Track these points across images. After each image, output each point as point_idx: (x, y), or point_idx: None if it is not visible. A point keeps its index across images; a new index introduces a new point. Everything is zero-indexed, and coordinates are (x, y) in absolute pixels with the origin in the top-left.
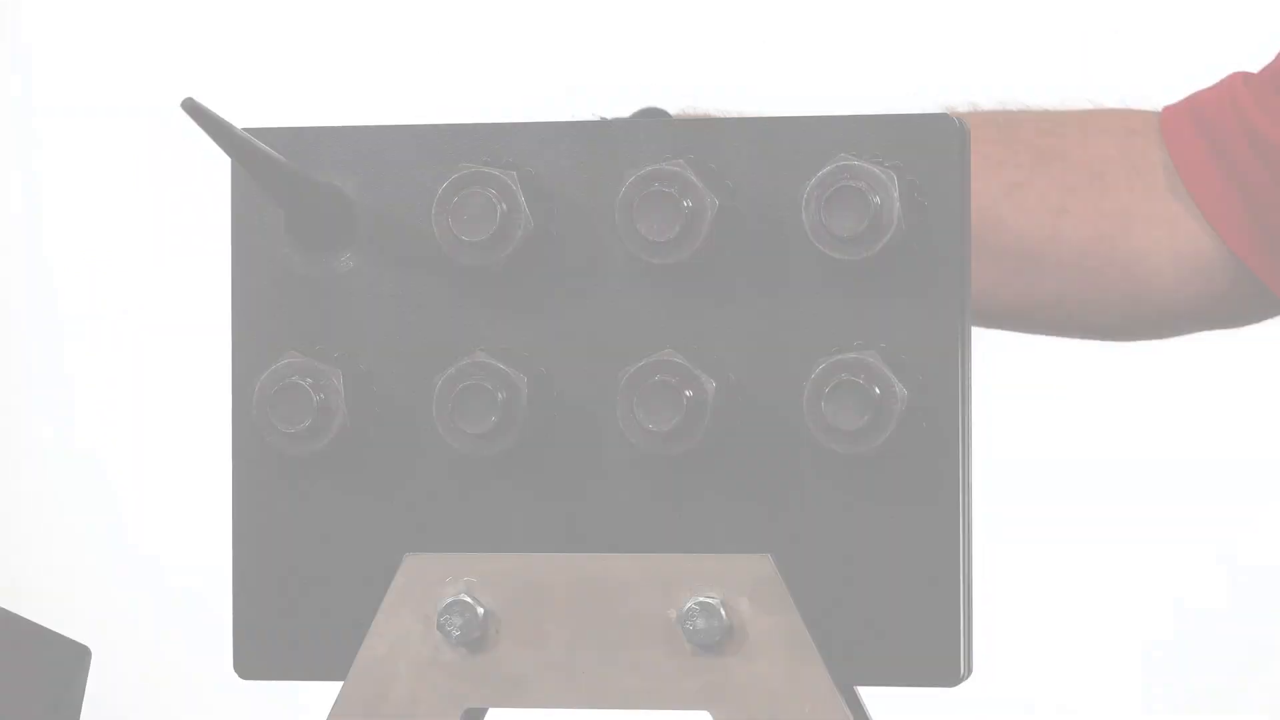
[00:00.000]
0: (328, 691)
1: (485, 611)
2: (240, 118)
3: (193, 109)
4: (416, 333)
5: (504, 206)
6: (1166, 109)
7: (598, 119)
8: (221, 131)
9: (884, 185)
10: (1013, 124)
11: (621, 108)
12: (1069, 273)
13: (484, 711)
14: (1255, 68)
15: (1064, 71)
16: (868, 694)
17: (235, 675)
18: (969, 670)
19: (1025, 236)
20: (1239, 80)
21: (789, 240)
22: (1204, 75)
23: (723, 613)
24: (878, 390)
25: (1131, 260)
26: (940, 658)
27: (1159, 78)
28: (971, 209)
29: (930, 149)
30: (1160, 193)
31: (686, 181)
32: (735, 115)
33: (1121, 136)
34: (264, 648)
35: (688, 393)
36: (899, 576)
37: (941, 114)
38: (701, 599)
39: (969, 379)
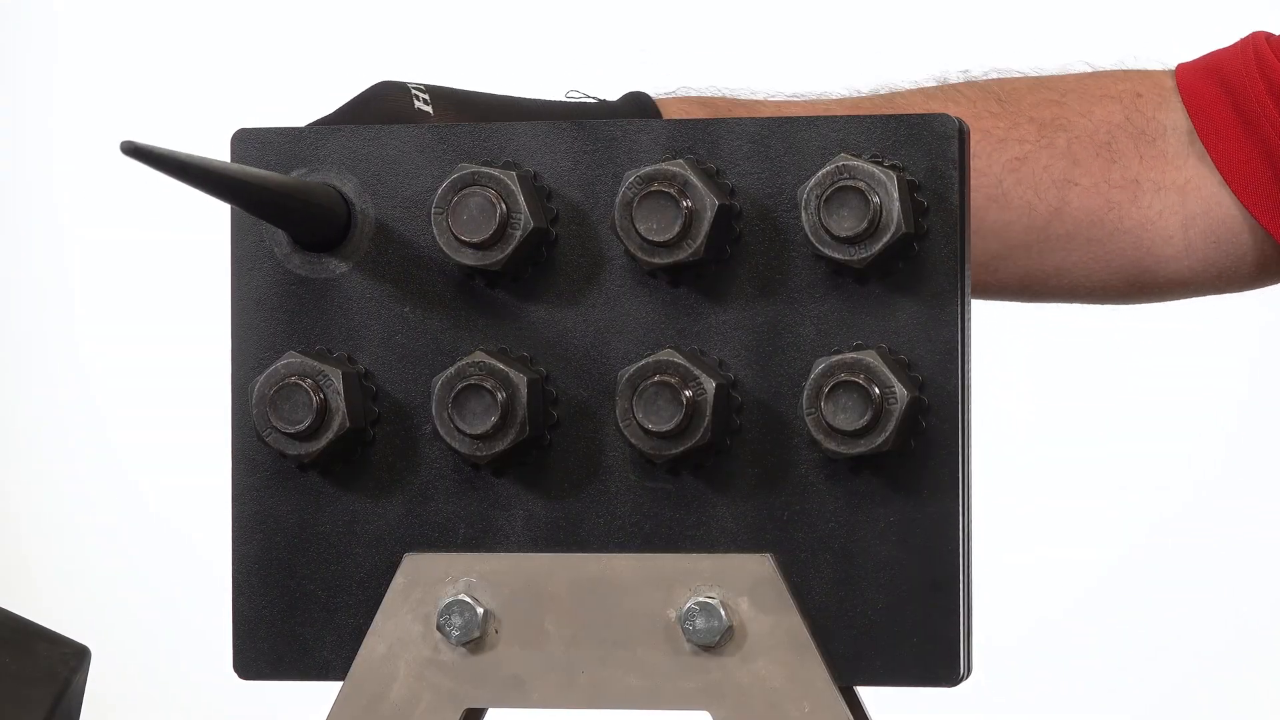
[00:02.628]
0: (328, 691)
1: (485, 611)
2: (241, 118)
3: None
4: (416, 333)
5: (504, 206)
6: (1182, 67)
7: (591, 100)
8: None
9: (884, 185)
10: (1013, 95)
11: (611, 92)
12: (1075, 243)
13: (484, 711)
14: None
15: (1051, 34)
16: (868, 694)
17: (235, 675)
18: (969, 670)
19: (1031, 211)
20: (1262, 40)
21: (789, 240)
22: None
23: (723, 613)
24: (878, 390)
25: (1139, 228)
26: (940, 658)
27: (1141, 35)
28: (976, 187)
29: (930, 149)
30: (1171, 157)
31: (686, 181)
32: (724, 96)
33: (1126, 101)
34: (264, 648)
35: (687, 393)
36: (899, 576)
37: (941, 114)
38: (701, 599)
39: (969, 379)
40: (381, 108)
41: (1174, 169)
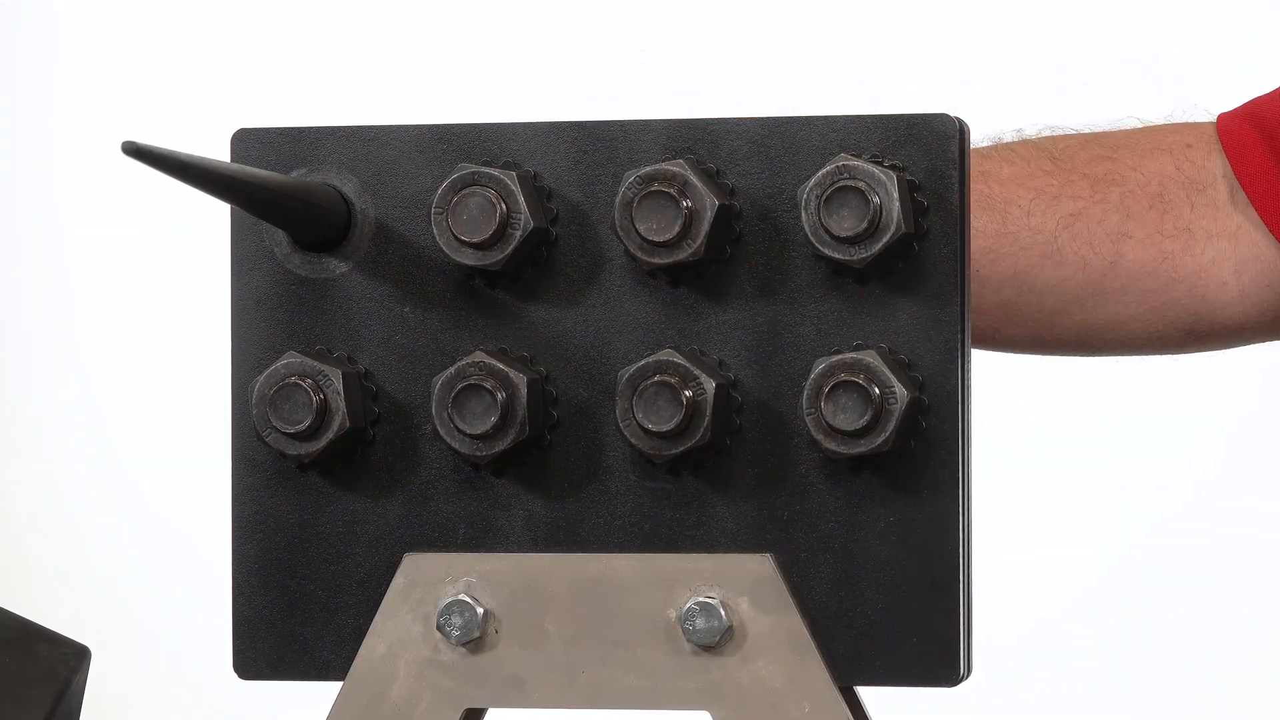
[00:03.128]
0: (328, 691)
1: (485, 611)
2: (241, 118)
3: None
4: (416, 333)
5: (504, 206)
6: (1222, 116)
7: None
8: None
9: (884, 185)
10: (1065, 153)
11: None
12: (1131, 296)
13: (484, 711)
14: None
15: (1101, 89)
16: (868, 694)
17: (235, 675)
18: (969, 670)
19: (1086, 266)
20: None
21: (789, 240)
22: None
23: (723, 613)
24: (878, 390)
25: (1194, 277)
26: (940, 658)
27: (1188, 92)
28: (1030, 245)
29: (930, 149)
30: (1222, 205)
31: (686, 181)
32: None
33: (1177, 152)
34: (263, 648)
35: (687, 393)
36: (899, 576)
37: (941, 113)
38: (701, 599)
39: (969, 379)
40: None
41: (1224, 216)
